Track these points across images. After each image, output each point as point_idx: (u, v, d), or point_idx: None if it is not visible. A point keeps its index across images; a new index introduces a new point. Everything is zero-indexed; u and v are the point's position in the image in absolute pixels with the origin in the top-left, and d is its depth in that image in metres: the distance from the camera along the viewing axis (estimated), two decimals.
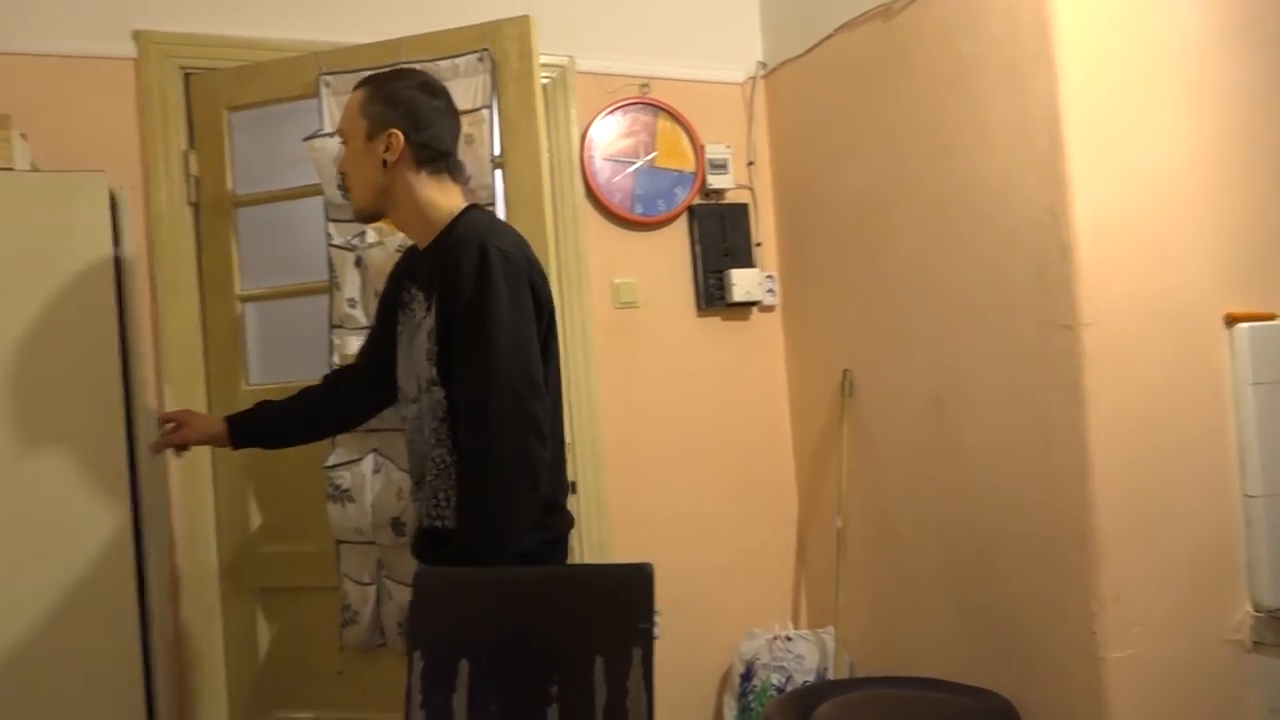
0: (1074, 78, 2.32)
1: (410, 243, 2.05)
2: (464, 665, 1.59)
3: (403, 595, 2.29)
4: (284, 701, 2.52)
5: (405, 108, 1.88)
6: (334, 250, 2.45)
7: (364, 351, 2.18)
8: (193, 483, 2.53)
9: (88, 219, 2.01)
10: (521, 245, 1.87)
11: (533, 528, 1.79)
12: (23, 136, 2.11)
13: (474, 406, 1.76)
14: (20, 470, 1.93)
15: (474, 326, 1.76)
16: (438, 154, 1.91)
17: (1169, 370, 2.36)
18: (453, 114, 1.96)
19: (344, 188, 2.00)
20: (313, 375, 2.33)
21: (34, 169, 2.11)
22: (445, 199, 1.92)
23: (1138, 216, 2.35)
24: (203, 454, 2.51)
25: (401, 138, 1.87)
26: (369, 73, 2.08)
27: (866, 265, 2.98)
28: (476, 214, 1.93)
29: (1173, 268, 2.38)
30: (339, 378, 2.24)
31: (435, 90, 1.95)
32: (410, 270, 1.99)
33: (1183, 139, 2.41)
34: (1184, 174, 2.40)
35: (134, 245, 2.20)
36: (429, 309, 1.87)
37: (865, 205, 2.97)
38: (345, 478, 2.36)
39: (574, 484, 2.42)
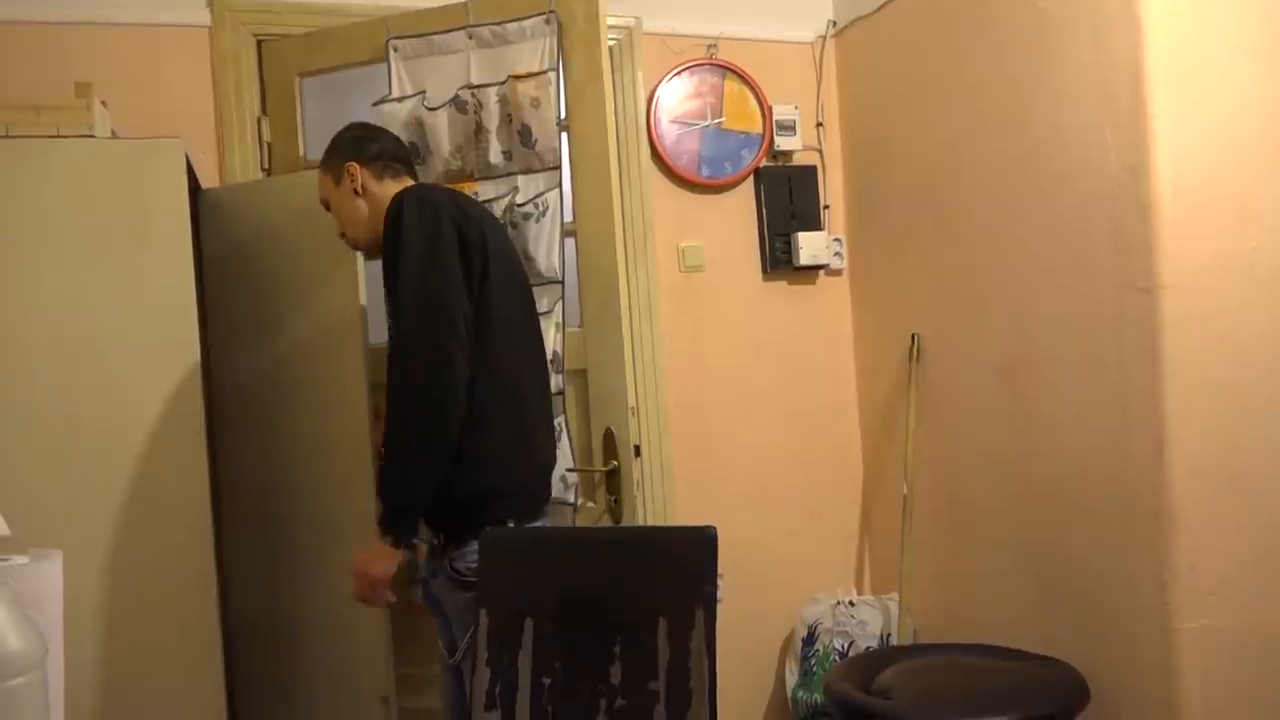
0: (1159, 32, 2.24)
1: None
2: (529, 624, 1.62)
3: None
4: None
5: (346, 145, 2.13)
6: None
7: None
8: None
9: (165, 185, 2.06)
10: (447, 194, 2.01)
11: (466, 469, 1.88)
12: (103, 104, 2.15)
13: (391, 340, 1.91)
14: (99, 434, 1.99)
15: (392, 265, 1.90)
16: (391, 158, 2.14)
17: (1253, 334, 2.28)
18: (388, 133, 2.23)
19: (352, 243, 2.18)
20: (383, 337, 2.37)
21: (113, 136, 2.16)
22: (396, 190, 2.07)
23: (1222, 175, 2.27)
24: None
25: (356, 165, 2.10)
26: (435, 35, 2.29)
27: (937, 228, 2.93)
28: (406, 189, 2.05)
29: (1258, 227, 2.29)
30: None
31: (367, 125, 2.23)
32: None
33: (1269, 94, 2.30)
34: (1271, 130, 2.30)
35: None
36: None
37: (937, 167, 2.91)
38: None
39: (638, 447, 2.43)
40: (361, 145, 2.12)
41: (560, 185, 2.41)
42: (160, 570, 2.01)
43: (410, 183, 2.14)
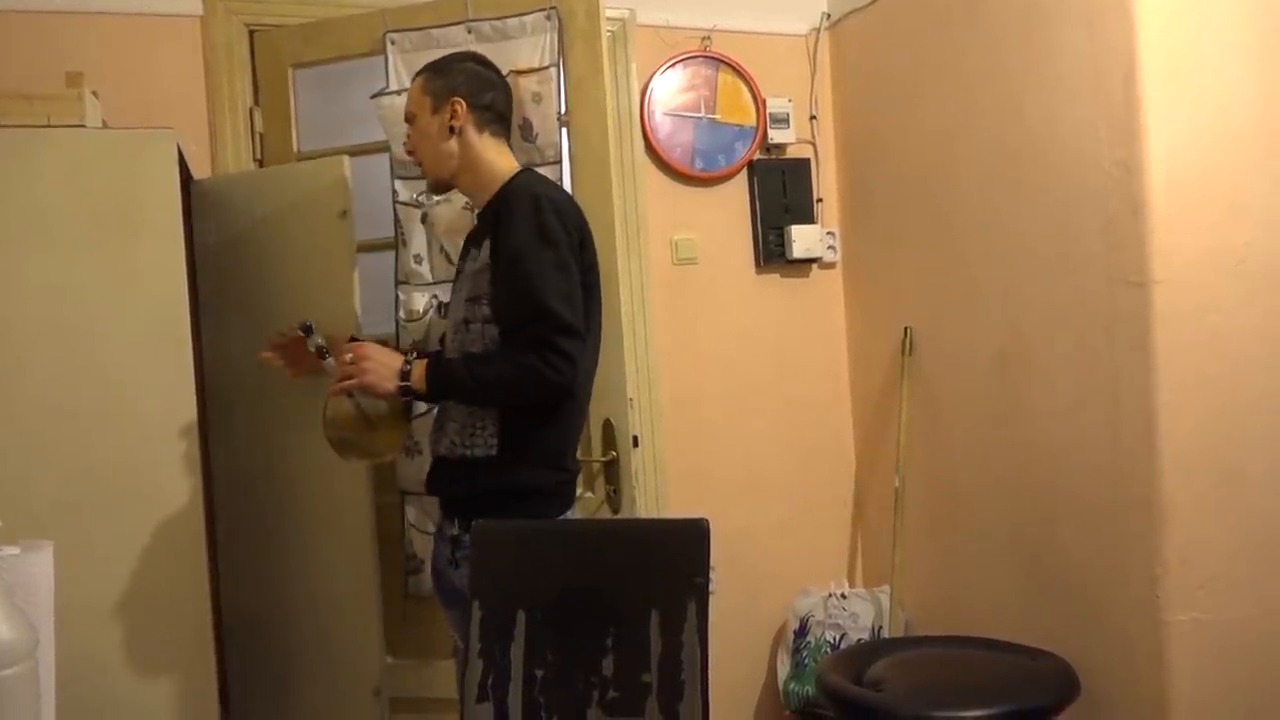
0: (1152, 27, 2.24)
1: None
2: (521, 616, 1.62)
3: None
4: None
5: (464, 78, 2.03)
6: (400, 207, 2.48)
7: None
8: None
9: (157, 175, 2.05)
10: (572, 200, 2.01)
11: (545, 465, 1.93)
12: (94, 94, 2.14)
13: (511, 329, 1.87)
14: (90, 425, 1.97)
15: (523, 260, 1.86)
16: (498, 116, 2.05)
17: (1244, 329, 2.29)
18: (506, 87, 2.11)
19: (419, 164, 2.10)
20: (378, 331, 2.37)
21: (105, 126, 2.15)
22: (504, 161, 2.04)
23: (1214, 170, 2.28)
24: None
25: (465, 104, 2.00)
26: (434, 29, 2.28)
27: (931, 221, 2.93)
28: (530, 174, 2.05)
29: (1250, 222, 2.30)
30: None
31: (489, 64, 2.11)
32: (471, 235, 2.10)
33: (1261, 90, 2.31)
34: (1263, 126, 2.31)
35: None
36: (478, 255, 1.97)
37: (931, 160, 2.91)
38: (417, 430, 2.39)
39: (636, 438, 2.44)
40: (478, 87, 2.02)
41: (561, 179, 2.40)
42: (152, 562, 2.00)
43: (508, 151, 2.07)
